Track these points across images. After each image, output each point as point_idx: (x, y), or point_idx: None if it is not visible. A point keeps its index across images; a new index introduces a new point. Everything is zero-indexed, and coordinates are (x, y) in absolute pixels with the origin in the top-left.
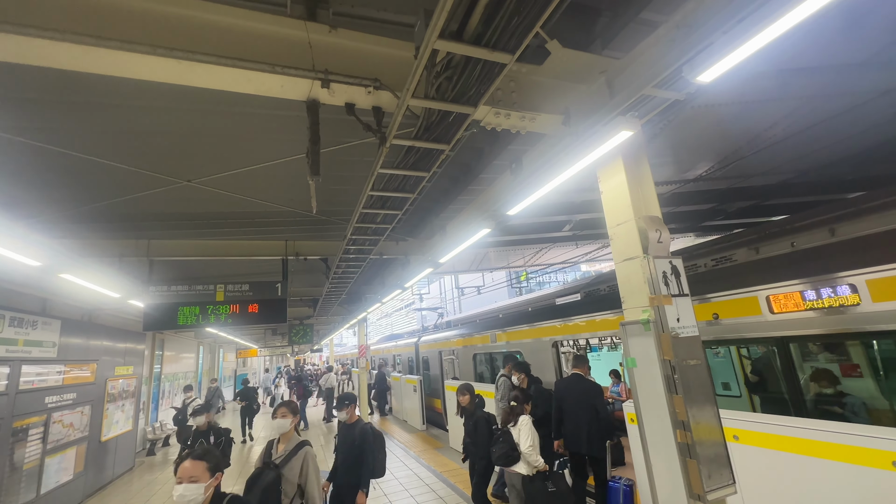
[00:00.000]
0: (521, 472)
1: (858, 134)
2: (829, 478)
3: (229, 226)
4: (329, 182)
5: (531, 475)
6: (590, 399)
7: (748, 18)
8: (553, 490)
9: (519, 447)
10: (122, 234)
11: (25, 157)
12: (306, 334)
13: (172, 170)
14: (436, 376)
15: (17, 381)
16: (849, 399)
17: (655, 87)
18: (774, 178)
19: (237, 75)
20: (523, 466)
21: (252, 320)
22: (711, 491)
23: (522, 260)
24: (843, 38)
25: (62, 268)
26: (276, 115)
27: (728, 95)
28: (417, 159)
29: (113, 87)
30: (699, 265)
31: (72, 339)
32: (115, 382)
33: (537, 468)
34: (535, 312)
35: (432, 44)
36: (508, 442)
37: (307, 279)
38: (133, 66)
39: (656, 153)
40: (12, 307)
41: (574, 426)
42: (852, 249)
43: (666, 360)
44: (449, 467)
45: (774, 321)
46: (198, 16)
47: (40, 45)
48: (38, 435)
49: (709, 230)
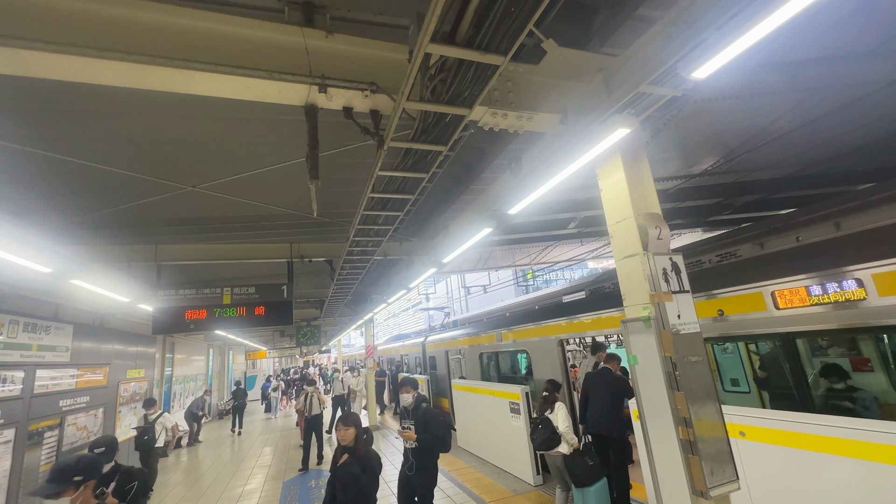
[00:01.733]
0: (562, 451)
1: (867, 125)
2: (838, 474)
3: (234, 229)
4: (330, 184)
5: (570, 454)
6: (613, 388)
7: (740, 14)
8: (592, 464)
9: (558, 429)
10: (130, 239)
11: (35, 167)
12: (313, 335)
13: (178, 176)
14: (443, 376)
15: (32, 385)
16: (858, 394)
17: (651, 84)
18: (781, 172)
19: (236, 83)
20: (564, 447)
21: (259, 322)
22: (714, 487)
23: (528, 258)
24: (849, 28)
25: (73, 274)
26: (278, 119)
27: (733, 88)
28: (416, 161)
29: (117, 96)
30: (703, 261)
31: (84, 344)
32: (126, 385)
33: (573, 446)
34: (541, 311)
35: (425, 47)
36: (548, 427)
37: (313, 281)
38: (134, 76)
39: (661, 148)
40: (26, 313)
41: (597, 411)
42: (858, 243)
43: (667, 357)
44: (457, 466)
45: (780, 317)
46: (196, 25)
47: (43, 58)
48: (53, 437)
49: (716, 225)
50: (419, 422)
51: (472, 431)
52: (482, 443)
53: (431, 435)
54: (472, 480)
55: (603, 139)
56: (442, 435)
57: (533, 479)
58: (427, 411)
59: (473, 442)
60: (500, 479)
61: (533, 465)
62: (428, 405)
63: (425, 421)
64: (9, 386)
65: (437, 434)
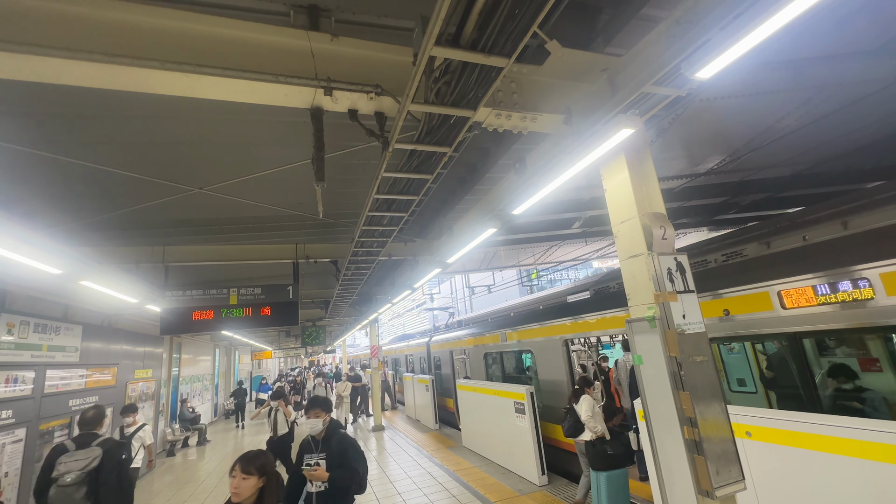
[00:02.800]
0: (585, 439)
1: (873, 123)
2: (845, 474)
3: (241, 230)
4: (336, 185)
5: (592, 441)
6: None
7: (745, 14)
8: (611, 453)
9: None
10: (138, 241)
11: (45, 170)
12: (319, 336)
13: (185, 178)
14: (447, 376)
15: (43, 384)
16: (866, 394)
17: (655, 84)
18: (788, 170)
19: (242, 86)
20: (588, 434)
21: (265, 323)
22: (720, 487)
23: (533, 258)
24: (855, 26)
25: (82, 275)
26: (283, 121)
27: (739, 87)
28: (421, 162)
29: (124, 99)
30: (709, 261)
31: (93, 344)
32: (134, 385)
33: (596, 434)
34: (545, 311)
35: (429, 50)
36: (574, 416)
37: (318, 281)
38: (143, 80)
39: (667, 147)
40: (36, 314)
41: None
42: (866, 242)
43: (672, 357)
44: (462, 466)
45: (787, 317)
46: (204, 29)
47: (54, 63)
48: (64, 436)
49: (721, 224)
50: (333, 455)
51: (476, 431)
52: (487, 442)
53: (349, 471)
54: (476, 480)
55: (607, 139)
56: (363, 470)
57: (538, 478)
58: (343, 440)
59: (478, 442)
60: (506, 478)
61: (538, 465)
62: (344, 432)
63: (340, 453)
64: (20, 386)
65: (356, 469)
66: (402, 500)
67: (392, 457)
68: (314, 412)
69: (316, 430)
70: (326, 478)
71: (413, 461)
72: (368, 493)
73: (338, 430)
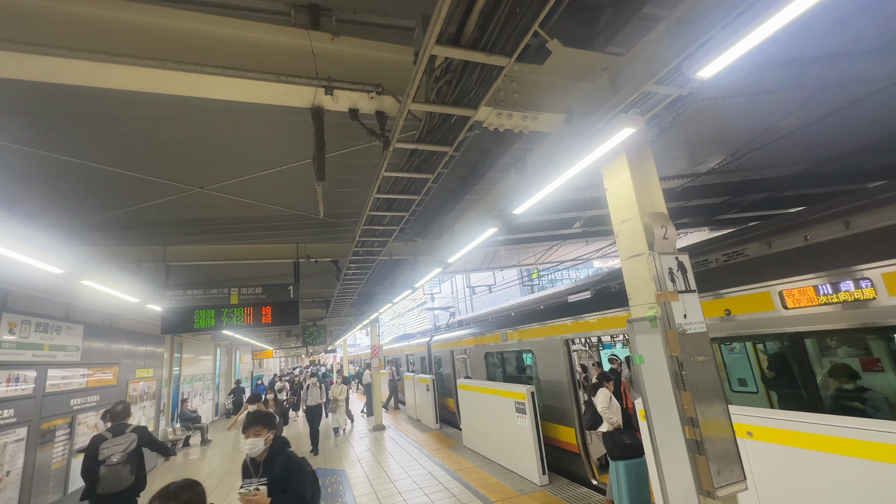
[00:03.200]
0: (603, 430)
1: (875, 122)
2: (847, 475)
3: (241, 230)
4: (337, 185)
5: (609, 432)
6: None
7: (746, 13)
8: (628, 443)
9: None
10: (139, 240)
11: (46, 170)
12: (319, 335)
13: (186, 177)
14: (448, 375)
15: (44, 384)
16: (868, 394)
17: (656, 83)
18: (789, 170)
19: (243, 86)
20: (605, 426)
21: (266, 322)
22: (721, 487)
23: (533, 257)
24: (856, 25)
25: (83, 275)
26: (284, 121)
27: (740, 86)
28: (422, 161)
29: (125, 99)
30: (710, 260)
31: (94, 343)
32: (136, 384)
33: (612, 425)
34: (546, 311)
35: (430, 49)
36: (592, 409)
37: (319, 281)
38: (145, 80)
39: (668, 147)
40: (37, 313)
41: None
42: (868, 242)
43: (673, 357)
44: (463, 466)
45: (788, 316)
46: (205, 29)
47: (56, 63)
48: (65, 436)
49: (722, 224)
50: (275, 478)
51: (477, 431)
52: (488, 442)
53: (295, 496)
54: (477, 480)
55: (608, 139)
56: (311, 495)
57: (539, 478)
58: (288, 462)
59: (479, 441)
60: (506, 478)
61: (539, 465)
62: (291, 452)
63: (284, 476)
64: (21, 385)
65: (303, 494)
66: (403, 500)
67: (392, 456)
68: (254, 430)
69: (256, 451)
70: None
71: (413, 461)
72: (369, 493)
73: (283, 450)
